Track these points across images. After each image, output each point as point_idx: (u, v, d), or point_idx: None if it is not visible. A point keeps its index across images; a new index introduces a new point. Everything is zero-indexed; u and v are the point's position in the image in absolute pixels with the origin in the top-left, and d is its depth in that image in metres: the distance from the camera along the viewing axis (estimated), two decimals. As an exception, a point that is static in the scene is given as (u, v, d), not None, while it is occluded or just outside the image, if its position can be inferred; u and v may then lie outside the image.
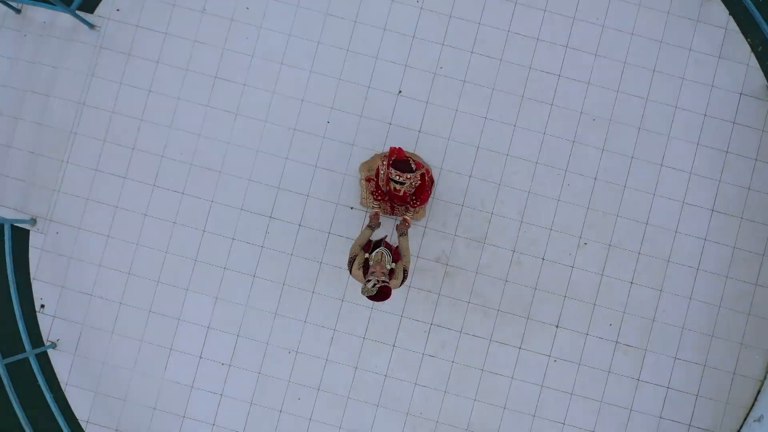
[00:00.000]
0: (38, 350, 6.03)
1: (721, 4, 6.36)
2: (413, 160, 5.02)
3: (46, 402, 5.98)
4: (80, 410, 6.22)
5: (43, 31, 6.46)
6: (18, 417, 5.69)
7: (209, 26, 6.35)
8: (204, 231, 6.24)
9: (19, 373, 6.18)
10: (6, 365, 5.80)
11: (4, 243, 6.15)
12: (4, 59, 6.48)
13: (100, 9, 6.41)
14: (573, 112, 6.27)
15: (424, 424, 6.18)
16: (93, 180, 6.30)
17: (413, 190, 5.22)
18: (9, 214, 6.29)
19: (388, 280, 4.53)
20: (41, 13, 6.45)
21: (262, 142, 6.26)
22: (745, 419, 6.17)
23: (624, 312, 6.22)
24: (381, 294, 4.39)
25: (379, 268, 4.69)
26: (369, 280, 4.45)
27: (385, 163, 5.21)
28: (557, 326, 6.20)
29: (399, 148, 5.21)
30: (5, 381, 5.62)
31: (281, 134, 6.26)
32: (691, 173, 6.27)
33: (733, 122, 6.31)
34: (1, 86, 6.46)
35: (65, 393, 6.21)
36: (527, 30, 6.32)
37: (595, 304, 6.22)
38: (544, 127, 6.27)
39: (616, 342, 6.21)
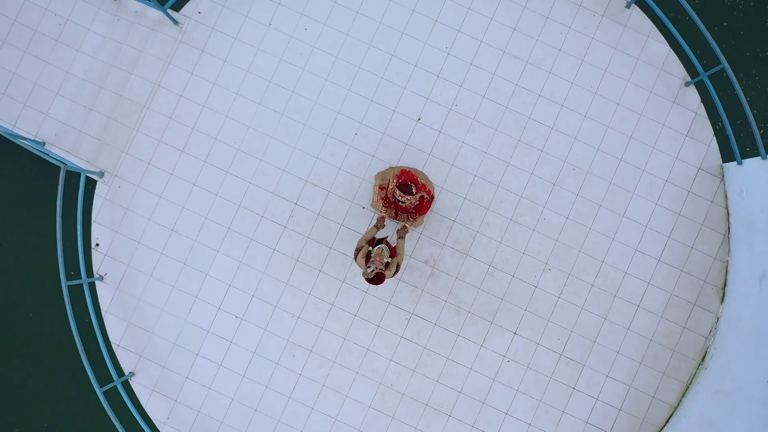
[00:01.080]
0: (89, 280, 7.33)
1: (696, 91, 7.61)
2: (415, 184, 6.31)
3: (91, 322, 7.28)
4: (114, 334, 7.52)
5: (135, 19, 7.76)
6: (72, 330, 7.00)
7: (272, 39, 7.64)
8: (239, 206, 7.53)
9: (75, 295, 7.49)
10: (68, 287, 7.09)
11: (78, 188, 7.44)
12: (97, 36, 7.78)
13: (185, 9, 7.70)
14: (558, 160, 7.54)
15: (392, 394, 7.47)
16: (156, 148, 7.60)
17: (413, 206, 6.50)
18: (83, 165, 7.59)
19: (384, 270, 5.81)
20: (135, 4, 7.74)
21: (299, 141, 7.55)
22: (655, 435, 7.45)
23: (571, 331, 7.49)
24: (377, 279, 5.68)
25: (378, 260, 5.98)
26: (369, 267, 5.74)
27: (394, 181, 6.49)
28: (515, 333, 7.48)
29: (409, 171, 6.49)
30: (66, 298, 6.92)
31: (316, 137, 7.54)
32: (646, 227, 7.54)
33: (689, 191, 7.57)
34: (92, 58, 7.76)
35: (104, 318, 7.51)
36: (532, 86, 7.59)
37: (549, 320, 7.49)
38: (533, 168, 7.54)
39: (561, 354, 7.49)
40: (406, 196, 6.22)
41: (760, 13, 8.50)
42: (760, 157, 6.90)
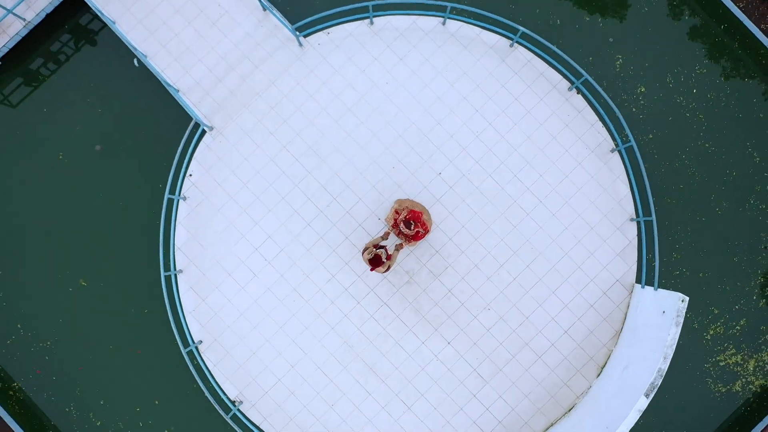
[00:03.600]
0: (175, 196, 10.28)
1: (635, 227, 10.44)
2: (416, 222, 9.19)
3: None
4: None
5: (273, 30, 10.67)
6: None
7: (363, 81, 10.53)
8: (296, 185, 10.43)
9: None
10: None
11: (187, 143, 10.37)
12: (243, 31, 10.68)
13: (311, 38, 10.60)
14: (523, 237, 10.39)
15: (350, 352, 10.36)
16: (255, 125, 10.50)
17: (410, 235, 9.38)
18: (201, 117, 10.51)
19: (380, 262, 8.73)
20: (277, 20, 10.65)
21: (353, 157, 10.44)
22: (516, 448, 10.32)
23: (488, 356, 10.36)
24: (375, 260, 8.61)
25: (377, 257, 8.88)
26: (371, 251, 8.66)
27: (405, 213, 9.38)
28: (449, 342, 10.37)
29: (417, 211, 9.37)
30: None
31: (365, 159, 10.43)
32: (566, 306, 10.38)
33: (604, 293, 10.41)
34: (234, 45, 10.66)
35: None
36: (525, 179, 10.44)
37: (475, 343, 10.37)
38: (504, 236, 10.40)
39: (474, 369, 10.36)
40: (407, 229, 9.12)
41: (703, 193, 11.27)
42: (652, 288, 9.75)
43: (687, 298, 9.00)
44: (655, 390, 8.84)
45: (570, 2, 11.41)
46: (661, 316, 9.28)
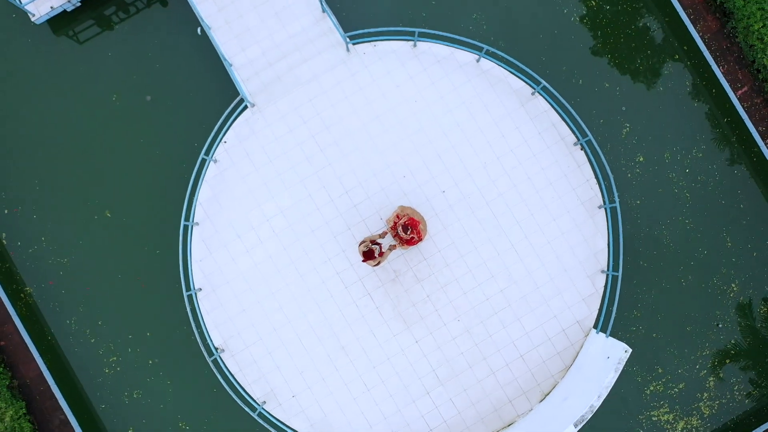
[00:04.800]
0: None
1: (603, 279, 11.58)
2: (413, 229, 10.35)
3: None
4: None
5: (327, 33, 11.84)
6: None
7: (398, 103, 11.70)
8: (315, 173, 11.60)
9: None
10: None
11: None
12: (300, 25, 11.85)
13: (359, 46, 11.76)
14: (503, 265, 11.55)
15: (327, 328, 11.51)
16: (291, 112, 11.68)
17: (405, 240, 10.54)
18: (246, 93, 11.70)
19: (372, 256, 9.91)
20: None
21: (370, 159, 11.61)
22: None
23: (447, 361, 11.51)
24: (368, 253, 9.80)
25: (371, 251, 10.06)
26: (367, 245, 9.83)
27: (404, 219, 10.54)
28: (416, 341, 11.53)
29: (416, 221, 10.53)
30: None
31: (381, 163, 11.60)
32: (527, 333, 11.53)
33: (563, 330, 11.56)
34: (289, 36, 11.83)
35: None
36: (519, 216, 11.59)
37: (439, 347, 11.52)
38: (486, 260, 11.55)
39: (434, 370, 11.52)
40: (403, 233, 10.29)
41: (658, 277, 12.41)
42: (604, 335, 10.91)
43: (630, 350, 10.15)
44: (584, 422, 10.00)
45: (596, 67, 12.55)
46: (605, 361, 10.43)
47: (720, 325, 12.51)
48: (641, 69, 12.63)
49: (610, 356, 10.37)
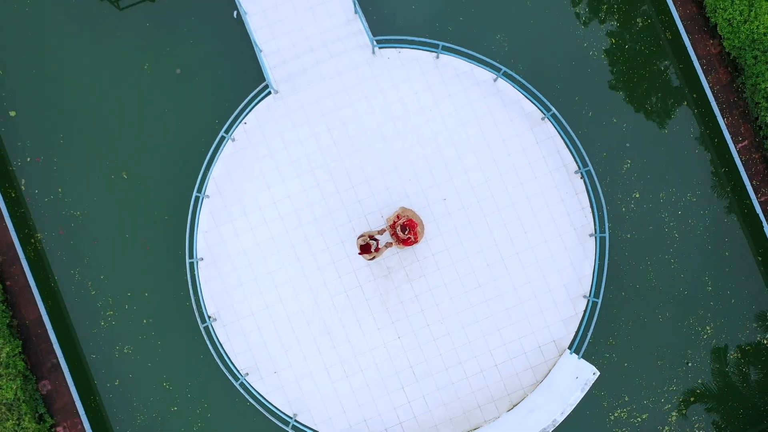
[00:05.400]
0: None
1: (584, 301, 12.12)
2: (411, 229, 10.90)
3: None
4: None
5: (356, 33, 12.39)
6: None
7: (413, 113, 12.26)
8: (327, 164, 12.16)
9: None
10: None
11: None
12: (330, 23, 12.41)
13: (384, 51, 12.32)
14: (492, 276, 12.09)
15: (316, 312, 12.07)
16: (311, 105, 12.24)
17: (402, 240, 11.09)
18: (271, 80, 12.26)
19: (369, 250, 10.48)
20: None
21: (381, 158, 12.17)
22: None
23: (426, 361, 12.06)
24: (365, 247, 10.36)
25: (368, 245, 10.62)
26: (365, 239, 10.40)
27: (404, 219, 11.09)
28: (399, 338, 12.08)
29: (415, 223, 11.07)
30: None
31: (391, 165, 12.16)
32: (504, 344, 12.08)
33: (539, 347, 12.10)
34: (321, 31, 12.39)
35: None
36: (513, 232, 12.14)
37: (419, 346, 12.08)
38: (474, 270, 12.10)
39: (411, 366, 12.07)
40: (401, 233, 10.85)
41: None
42: (577, 356, 11.46)
43: (598, 373, 10.71)
44: (545, 435, 10.56)
45: (606, 102, 13.09)
46: (573, 380, 10.98)
47: (690, 364, 13.03)
48: (650, 110, 13.15)
49: (578, 376, 10.92)
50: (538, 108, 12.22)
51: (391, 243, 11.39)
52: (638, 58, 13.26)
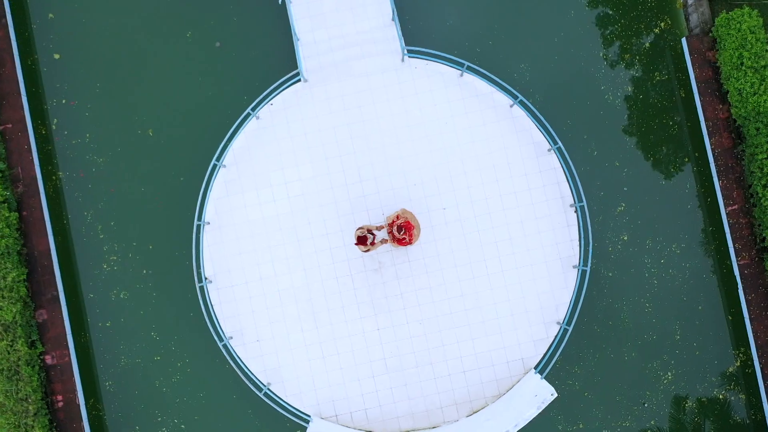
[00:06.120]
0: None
1: (556, 329, 12.79)
2: (407, 230, 11.60)
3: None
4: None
5: (389, 39, 13.11)
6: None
7: (420, 124, 12.97)
8: (339, 156, 12.88)
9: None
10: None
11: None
12: (367, 24, 13.13)
13: (413, 60, 13.03)
14: (475, 289, 12.78)
15: (305, 292, 12.79)
16: (326, 101, 12.97)
17: (397, 239, 11.80)
18: (302, 68, 12.99)
19: (365, 242, 11.21)
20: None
21: (391, 161, 12.88)
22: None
23: (412, 353, 12.76)
24: (362, 239, 11.10)
25: (365, 237, 11.34)
26: (363, 232, 11.13)
27: (402, 220, 11.80)
28: (378, 329, 12.79)
29: (412, 226, 11.77)
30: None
31: (398, 168, 12.88)
32: (475, 353, 12.77)
33: (507, 362, 12.78)
34: (358, 32, 13.11)
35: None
36: (504, 250, 12.84)
37: (396, 341, 12.78)
38: (462, 279, 12.79)
39: (384, 359, 12.77)
40: (397, 233, 11.57)
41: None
42: (540, 376, 12.15)
43: (556, 395, 11.42)
44: (497, 443, 11.26)
45: (612, 145, 13.78)
46: (532, 398, 11.68)
47: (646, 405, 13.68)
48: (652, 160, 13.83)
49: (537, 395, 11.61)
50: (546, 139, 12.91)
51: (387, 240, 12.08)
52: (650, 109, 13.93)
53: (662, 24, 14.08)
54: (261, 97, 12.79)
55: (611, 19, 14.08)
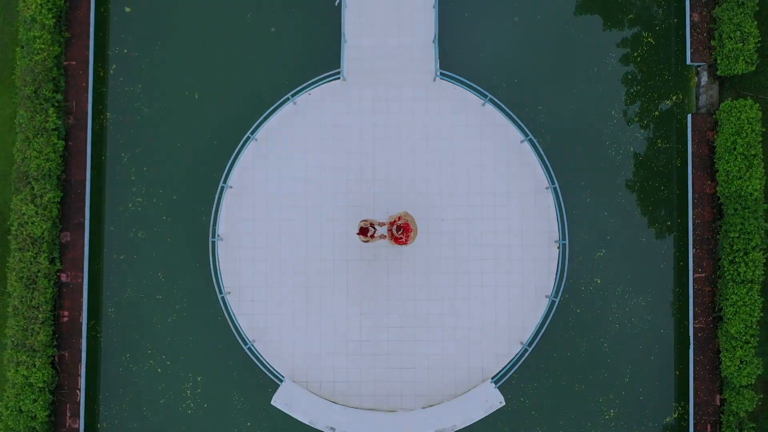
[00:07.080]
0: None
1: (522, 350, 14.11)
2: (405, 231, 12.93)
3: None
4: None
5: (425, 58, 14.44)
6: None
7: (416, 131, 14.31)
8: (348, 152, 14.22)
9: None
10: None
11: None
12: (410, 41, 14.47)
13: (444, 82, 14.36)
14: (464, 298, 14.11)
15: (301, 266, 14.16)
16: (333, 100, 14.31)
17: (395, 237, 13.13)
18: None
19: (366, 234, 12.57)
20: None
21: (405, 168, 14.21)
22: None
23: (373, 342, 14.11)
24: (364, 230, 12.49)
25: (367, 229, 12.70)
26: (366, 223, 12.48)
27: (402, 221, 13.13)
28: (360, 314, 14.13)
29: (410, 228, 13.11)
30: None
31: (410, 174, 14.21)
32: (455, 354, 14.12)
33: (468, 367, 14.11)
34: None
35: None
36: (498, 260, 14.16)
37: (374, 328, 14.13)
38: (445, 288, 14.12)
39: (360, 342, 14.11)
40: (395, 232, 12.91)
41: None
42: (494, 385, 13.49)
43: (504, 403, 12.77)
44: (442, 434, 12.61)
45: (606, 196, 15.06)
46: (482, 402, 13.00)
47: (585, 435, 15.00)
48: (638, 217, 15.12)
49: (487, 400, 12.93)
50: (546, 178, 14.22)
51: (386, 236, 13.42)
52: (645, 171, 15.21)
53: (674, 97, 15.36)
54: (303, 86, 14.15)
55: (630, 83, 15.36)
